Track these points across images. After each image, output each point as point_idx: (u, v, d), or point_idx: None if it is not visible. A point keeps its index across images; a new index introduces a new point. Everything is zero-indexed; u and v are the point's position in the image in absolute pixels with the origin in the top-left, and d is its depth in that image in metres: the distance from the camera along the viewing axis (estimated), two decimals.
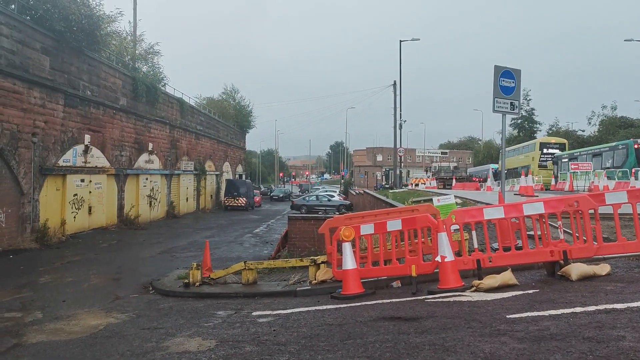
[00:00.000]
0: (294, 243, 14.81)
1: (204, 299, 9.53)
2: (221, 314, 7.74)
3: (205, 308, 8.47)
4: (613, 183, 23.41)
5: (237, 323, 6.82)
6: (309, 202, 45.98)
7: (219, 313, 7.86)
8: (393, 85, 44.16)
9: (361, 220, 8.70)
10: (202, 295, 9.78)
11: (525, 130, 65.80)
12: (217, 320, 7.28)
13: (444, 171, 57.96)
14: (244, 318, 7.19)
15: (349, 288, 7.53)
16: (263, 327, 6.35)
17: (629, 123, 54.72)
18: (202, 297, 9.63)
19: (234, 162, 58.82)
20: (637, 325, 4.31)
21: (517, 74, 11.73)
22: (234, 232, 26.63)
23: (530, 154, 42.96)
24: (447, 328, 4.91)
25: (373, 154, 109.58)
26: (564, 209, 6.87)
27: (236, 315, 7.49)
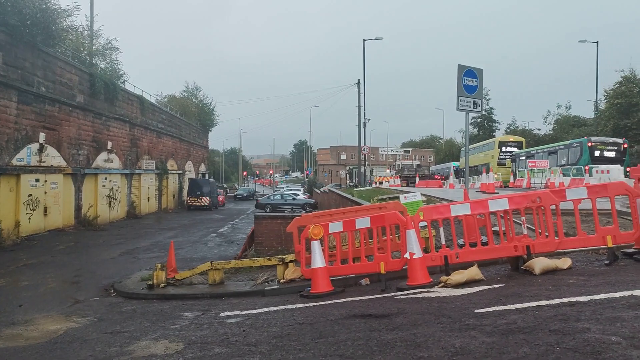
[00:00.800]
0: (261, 242, 14.70)
1: (169, 300, 9.33)
2: (188, 316, 7.58)
3: (171, 310, 8.29)
4: (568, 180, 24.16)
5: (205, 324, 6.70)
6: (274, 201, 45.81)
7: (186, 314, 7.70)
8: (357, 84, 44.44)
9: (330, 218, 8.69)
10: (167, 296, 9.58)
11: (484, 129, 67.29)
12: (183, 322, 7.12)
13: (407, 169, 58.75)
14: (212, 319, 7.07)
15: (319, 286, 7.50)
16: (232, 327, 6.25)
17: (582, 122, 56.67)
18: (167, 299, 9.43)
19: (197, 161, 57.99)
20: (601, 317, 4.43)
21: (479, 73, 11.96)
22: (198, 232, 26.25)
23: (489, 152, 43.95)
24: (418, 324, 4.94)
25: (337, 152, 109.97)
26: (527, 204, 7.02)
27: (204, 317, 7.35)
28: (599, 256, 7.31)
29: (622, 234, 6.79)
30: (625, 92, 40.84)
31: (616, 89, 42.33)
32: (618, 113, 40.75)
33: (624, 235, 6.80)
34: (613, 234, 6.72)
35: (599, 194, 6.92)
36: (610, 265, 6.66)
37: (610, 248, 6.75)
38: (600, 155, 28.26)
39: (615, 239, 6.71)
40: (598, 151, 28.58)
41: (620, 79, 42.51)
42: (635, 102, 39.64)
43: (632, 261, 6.75)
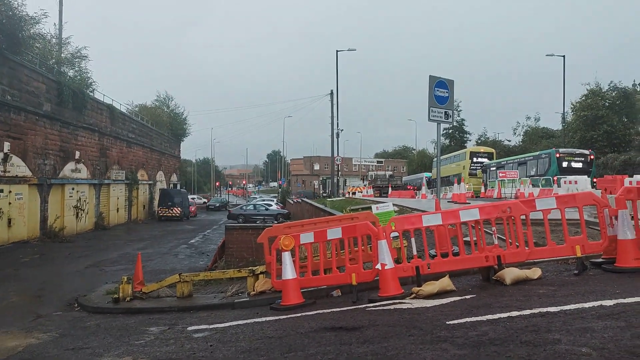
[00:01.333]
0: (232, 253, 14.45)
1: (135, 314, 9.05)
2: (154, 330, 7.34)
3: (136, 324, 8.03)
4: (537, 190, 24.57)
5: (171, 339, 6.49)
6: (246, 212, 45.41)
7: (152, 329, 7.46)
8: (330, 94, 44.56)
9: (301, 229, 8.57)
10: (133, 310, 9.30)
11: (456, 140, 68.18)
12: (149, 337, 6.89)
13: (380, 180, 58.99)
14: (178, 334, 6.86)
15: (289, 298, 7.36)
16: (199, 342, 6.06)
17: (550, 134, 57.95)
18: (133, 313, 9.15)
19: (168, 171, 57.24)
20: (571, 328, 4.42)
21: (450, 84, 12.07)
22: (168, 243, 25.80)
23: (461, 162, 44.51)
24: (389, 336, 4.86)
25: (310, 162, 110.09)
26: (497, 215, 7.03)
27: (170, 331, 7.13)
28: (568, 266, 7.36)
29: (591, 244, 6.85)
30: (591, 104, 41.91)
31: (582, 101, 43.43)
32: (584, 125, 41.77)
33: (593, 245, 6.86)
34: (582, 244, 6.77)
35: (568, 204, 6.98)
36: (579, 275, 6.69)
37: (579, 258, 6.79)
38: (568, 166, 28.85)
39: (584, 249, 6.76)
40: (566, 162, 29.18)
41: (586, 92, 43.65)
42: (601, 115, 40.70)
43: (601, 271, 6.80)
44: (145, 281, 10.61)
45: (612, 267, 6.64)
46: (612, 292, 5.49)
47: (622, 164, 35.16)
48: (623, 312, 4.70)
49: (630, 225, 6.51)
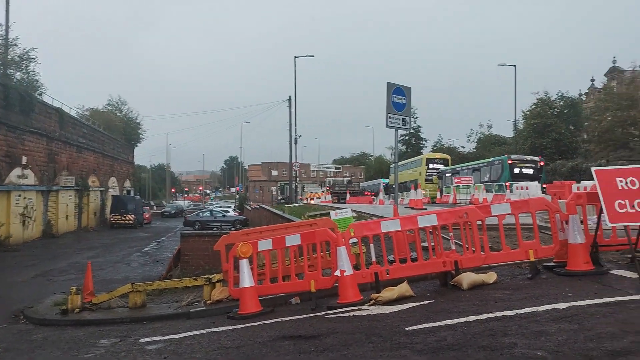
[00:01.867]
0: (188, 261, 14.14)
1: (84, 326, 8.69)
2: (104, 343, 7.05)
3: (86, 337, 7.70)
4: (491, 196, 25.17)
5: (123, 352, 6.24)
6: (203, 218, 44.69)
7: (102, 342, 7.16)
8: (288, 100, 44.50)
9: (259, 236, 8.44)
10: (82, 322, 8.93)
11: (412, 146, 69.26)
12: (99, 350, 6.61)
13: (338, 185, 59.31)
14: (130, 346, 6.61)
15: (247, 307, 7.22)
16: (152, 355, 5.85)
17: (502, 141, 59.66)
18: (83, 325, 8.79)
19: (121, 177, 55.75)
20: (527, 331, 4.49)
21: (407, 91, 12.19)
22: (121, 252, 25.08)
23: (417, 168, 45.19)
24: (349, 344, 4.81)
25: (268, 168, 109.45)
26: (454, 220, 7.12)
27: (122, 344, 6.86)
28: (522, 270, 7.52)
29: (543, 248, 7.02)
30: (540, 113, 43.43)
31: (532, 110, 44.94)
32: (534, 132, 43.21)
33: (545, 249, 7.03)
34: (535, 248, 6.93)
35: (522, 209, 7.14)
36: (532, 278, 6.84)
37: (532, 262, 6.94)
38: (520, 173, 29.71)
39: (537, 253, 6.92)
40: (517, 168, 30.05)
41: (536, 101, 45.20)
42: (550, 123, 42.21)
43: (553, 274, 6.98)
44: (95, 291, 10.23)
45: (563, 271, 6.82)
46: (564, 295, 5.63)
47: (569, 170, 36.50)
48: (575, 315, 4.82)
49: (580, 230, 6.71)
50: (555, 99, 44.83)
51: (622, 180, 6.19)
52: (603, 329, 4.27)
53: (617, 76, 53.65)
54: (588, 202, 7.12)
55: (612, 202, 6.09)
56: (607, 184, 6.19)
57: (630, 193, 6.12)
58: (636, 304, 5.04)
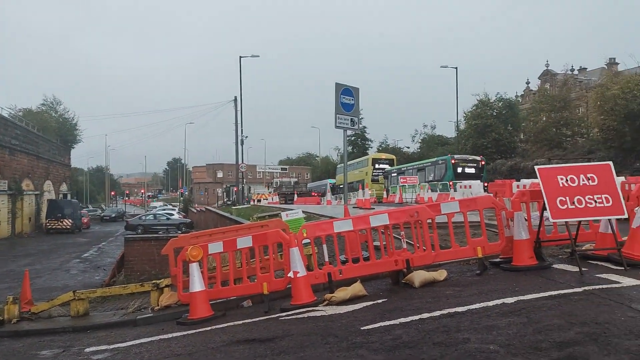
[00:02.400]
0: (132, 267, 13.68)
1: (23, 337, 8.21)
2: (46, 354, 6.69)
3: (25, 348, 7.28)
4: (436, 195, 25.81)
5: None
6: (146, 222, 43.49)
7: (44, 353, 6.79)
8: (234, 100, 43.99)
9: (209, 239, 8.25)
10: (20, 333, 8.43)
11: (358, 147, 70.06)
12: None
13: (285, 186, 59.22)
14: (74, 356, 6.30)
15: (197, 312, 7.04)
16: None
17: (445, 141, 61.37)
18: (21, 336, 8.30)
19: (58, 180, 53.43)
20: (478, 326, 4.60)
21: (355, 91, 12.30)
22: (59, 258, 24.01)
23: (364, 169, 45.74)
24: (305, 346, 4.77)
25: (213, 170, 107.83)
26: (405, 219, 7.22)
27: (65, 354, 6.54)
28: (470, 266, 7.72)
29: (490, 245, 7.24)
30: (480, 114, 44.94)
31: (473, 111, 46.45)
32: (475, 133, 44.67)
33: (492, 246, 7.25)
34: (482, 245, 7.13)
35: (470, 207, 7.33)
36: (481, 275, 7.03)
37: (480, 259, 7.14)
38: (462, 172, 30.62)
39: (484, 250, 7.13)
40: (460, 168, 30.96)
41: (476, 102, 46.74)
42: (490, 124, 43.75)
43: (499, 270, 7.20)
44: (34, 300, 9.71)
45: (509, 266, 7.04)
46: (512, 290, 5.81)
47: (509, 169, 38.03)
48: (524, 309, 4.97)
49: (525, 226, 6.96)
50: (494, 101, 46.51)
51: (562, 178, 6.47)
52: (550, 322, 4.43)
53: (550, 79, 56.40)
54: (531, 199, 7.39)
55: (554, 199, 6.35)
56: (549, 182, 6.45)
57: (570, 190, 6.41)
58: (579, 296, 5.26)
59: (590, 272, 6.35)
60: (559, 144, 40.97)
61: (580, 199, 6.36)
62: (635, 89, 27.50)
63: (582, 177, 6.45)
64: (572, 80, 49.73)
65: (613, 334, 3.97)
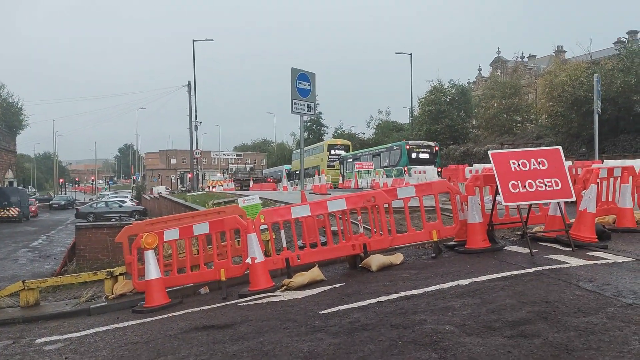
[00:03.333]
0: (84, 255, 13.29)
1: None
2: None
3: None
4: (391, 180, 26.17)
5: (18, 355, 5.73)
6: (98, 209, 42.37)
7: None
8: (187, 85, 43.07)
9: (164, 226, 8.10)
10: None
11: (314, 133, 70.10)
12: None
13: (240, 173, 58.65)
14: (25, 347, 6.08)
15: (154, 299, 6.93)
16: (52, 356, 5.43)
17: (400, 127, 62.09)
18: None
19: (2, 167, 51.20)
20: (434, 308, 4.70)
21: (312, 77, 12.24)
22: (6, 248, 23.10)
23: (319, 155, 45.82)
24: (264, 331, 4.77)
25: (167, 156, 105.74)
26: (363, 204, 7.29)
27: (15, 345, 6.30)
28: (426, 250, 7.88)
29: (445, 229, 7.40)
30: (434, 100, 45.63)
31: (427, 97, 47.11)
32: (429, 119, 45.38)
33: (447, 230, 7.42)
34: (437, 229, 7.29)
35: (425, 192, 7.46)
36: (436, 258, 7.20)
37: (435, 242, 7.30)
38: (417, 157, 31.14)
39: (439, 233, 7.29)
40: (415, 153, 31.46)
41: (430, 89, 47.42)
42: (443, 110, 44.53)
43: (454, 253, 7.39)
44: None
45: (463, 249, 7.24)
46: (466, 272, 5.97)
47: (461, 154, 38.89)
48: (477, 290, 5.12)
49: (478, 210, 7.15)
50: (447, 87, 47.28)
51: (514, 163, 6.66)
52: (503, 302, 4.57)
53: (501, 66, 57.84)
54: (485, 183, 7.59)
55: (506, 183, 6.54)
56: (502, 166, 6.63)
57: (522, 174, 6.61)
58: (530, 276, 5.45)
59: (540, 253, 6.60)
60: (510, 129, 42.18)
61: (532, 183, 6.57)
62: (582, 75, 28.48)
63: (533, 162, 6.67)
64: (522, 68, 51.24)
65: (562, 312, 4.13)
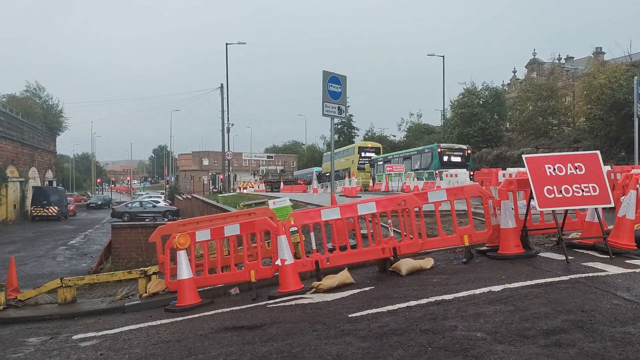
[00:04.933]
0: (119, 254, 13.60)
1: (10, 325, 8.14)
2: (33, 341, 6.64)
3: (12, 335, 7.22)
4: (422, 183, 25.91)
5: (55, 350, 5.90)
6: (132, 209, 43.26)
7: (31, 340, 6.74)
8: (220, 88, 43.63)
9: (196, 226, 8.22)
10: (7, 321, 8.35)
11: (345, 135, 69.98)
12: (28, 349, 6.22)
13: (271, 174, 59.10)
14: (62, 343, 6.26)
15: (185, 299, 7.03)
16: (87, 352, 5.57)
17: (431, 130, 61.45)
18: (8, 323, 8.22)
19: (43, 167, 52.78)
20: (465, 314, 4.64)
21: (343, 79, 12.22)
22: (45, 245, 23.79)
23: (350, 157, 45.72)
24: (293, 333, 4.79)
25: (199, 158, 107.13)
26: (393, 208, 7.24)
27: (53, 341, 6.49)
28: (457, 255, 7.78)
29: (477, 233, 7.30)
30: (467, 102, 44.97)
31: (460, 99, 46.47)
32: (462, 121, 44.75)
33: (479, 235, 7.31)
34: (469, 234, 7.19)
35: (457, 196, 7.36)
36: (467, 263, 7.10)
37: (467, 247, 7.20)
38: (448, 160, 30.75)
39: (471, 238, 7.18)
40: (446, 156, 31.08)
41: (463, 91, 46.79)
42: (476, 112, 43.85)
43: (486, 258, 7.27)
44: (20, 287, 9.62)
45: (495, 255, 7.11)
46: (498, 278, 5.87)
47: (495, 157, 38.21)
48: (510, 297, 5.03)
49: (511, 215, 7.02)
50: (480, 89, 46.54)
51: (550, 167, 6.52)
52: (537, 309, 4.48)
53: (537, 67, 56.65)
54: (518, 188, 7.45)
55: (541, 188, 6.40)
56: (537, 171, 6.50)
57: (558, 179, 6.46)
58: (565, 284, 5.32)
59: (577, 260, 6.44)
60: (545, 132, 41.24)
61: (568, 188, 6.42)
62: (621, 78, 27.68)
63: (570, 166, 6.52)
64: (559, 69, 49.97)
65: (598, 321, 4.02)
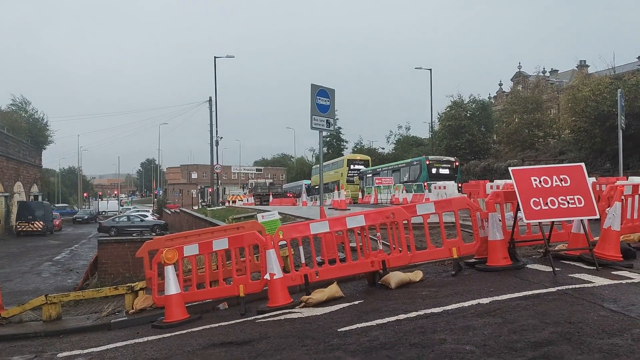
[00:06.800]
0: (106, 269, 13.44)
1: None
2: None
3: None
4: (411, 195, 26.01)
5: None
6: (120, 224, 42.90)
7: (15, 358, 6.61)
8: (209, 101, 43.64)
9: (184, 241, 8.16)
10: None
11: (334, 148, 70.25)
12: None
13: (260, 187, 59.00)
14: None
15: (173, 315, 6.95)
16: None
17: (420, 142, 61.90)
18: None
19: (28, 181, 52.22)
20: (454, 327, 4.64)
21: (331, 93, 12.31)
22: (30, 261, 23.47)
23: (339, 170, 45.82)
24: (282, 349, 4.75)
25: (188, 171, 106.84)
26: (382, 220, 7.25)
27: (37, 359, 6.39)
28: (446, 267, 7.79)
29: (465, 246, 7.32)
30: (454, 115, 45.40)
31: (447, 112, 46.92)
32: (449, 134, 45.14)
33: (467, 247, 7.33)
34: (457, 246, 7.21)
35: (445, 208, 7.40)
36: (456, 275, 7.11)
37: (455, 259, 7.22)
38: (437, 172, 30.92)
39: (459, 251, 7.21)
40: (435, 168, 31.26)
41: (450, 104, 47.25)
42: (463, 125, 44.26)
43: (474, 270, 7.29)
44: (4, 304, 9.46)
45: (484, 267, 7.14)
46: (487, 291, 5.88)
47: (482, 169, 38.51)
48: (498, 309, 5.04)
49: (499, 227, 7.06)
50: (467, 102, 47.06)
51: (536, 179, 6.58)
52: (525, 322, 4.49)
53: (523, 81, 57.39)
54: (505, 200, 7.50)
55: (528, 200, 6.45)
56: (523, 183, 6.56)
57: (544, 191, 6.52)
58: (552, 296, 5.35)
59: (564, 272, 6.48)
60: (531, 145, 41.68)
61: (554, 200, 6.48)
62: (605, 90, 28.09)
63: (555, 178, 6.58)
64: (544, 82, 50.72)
65: (586, 333, 4.04)
